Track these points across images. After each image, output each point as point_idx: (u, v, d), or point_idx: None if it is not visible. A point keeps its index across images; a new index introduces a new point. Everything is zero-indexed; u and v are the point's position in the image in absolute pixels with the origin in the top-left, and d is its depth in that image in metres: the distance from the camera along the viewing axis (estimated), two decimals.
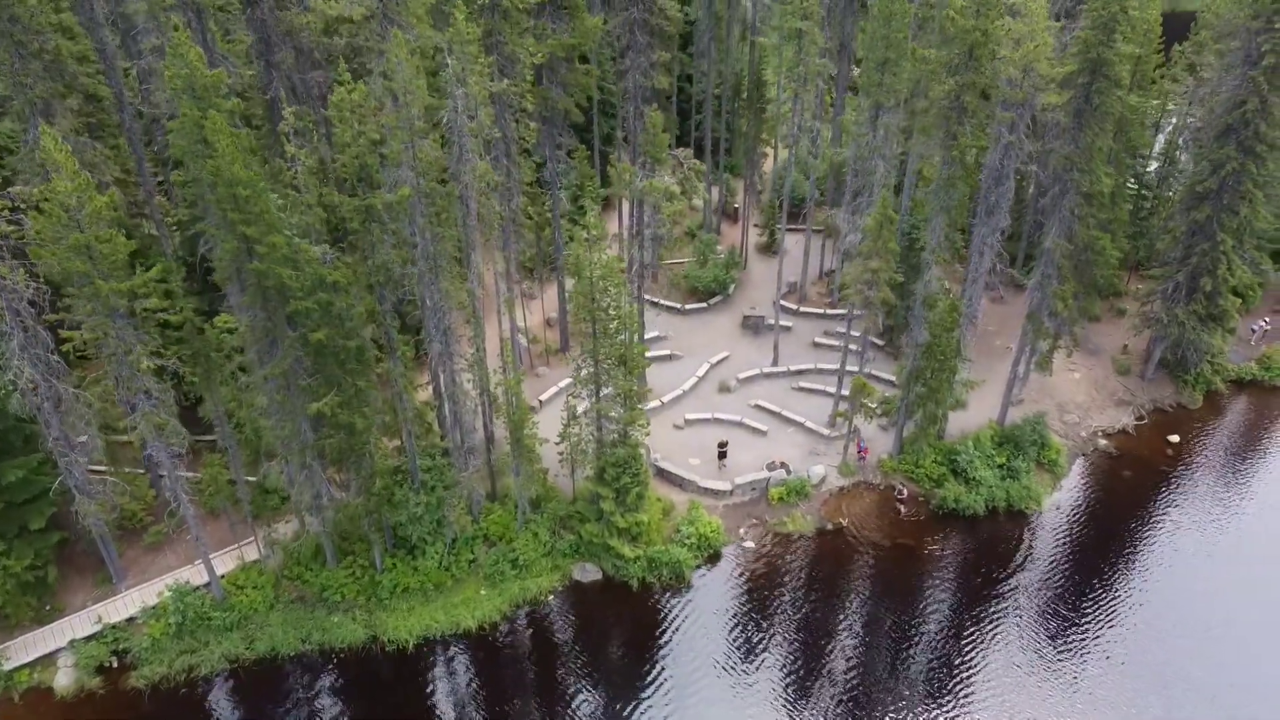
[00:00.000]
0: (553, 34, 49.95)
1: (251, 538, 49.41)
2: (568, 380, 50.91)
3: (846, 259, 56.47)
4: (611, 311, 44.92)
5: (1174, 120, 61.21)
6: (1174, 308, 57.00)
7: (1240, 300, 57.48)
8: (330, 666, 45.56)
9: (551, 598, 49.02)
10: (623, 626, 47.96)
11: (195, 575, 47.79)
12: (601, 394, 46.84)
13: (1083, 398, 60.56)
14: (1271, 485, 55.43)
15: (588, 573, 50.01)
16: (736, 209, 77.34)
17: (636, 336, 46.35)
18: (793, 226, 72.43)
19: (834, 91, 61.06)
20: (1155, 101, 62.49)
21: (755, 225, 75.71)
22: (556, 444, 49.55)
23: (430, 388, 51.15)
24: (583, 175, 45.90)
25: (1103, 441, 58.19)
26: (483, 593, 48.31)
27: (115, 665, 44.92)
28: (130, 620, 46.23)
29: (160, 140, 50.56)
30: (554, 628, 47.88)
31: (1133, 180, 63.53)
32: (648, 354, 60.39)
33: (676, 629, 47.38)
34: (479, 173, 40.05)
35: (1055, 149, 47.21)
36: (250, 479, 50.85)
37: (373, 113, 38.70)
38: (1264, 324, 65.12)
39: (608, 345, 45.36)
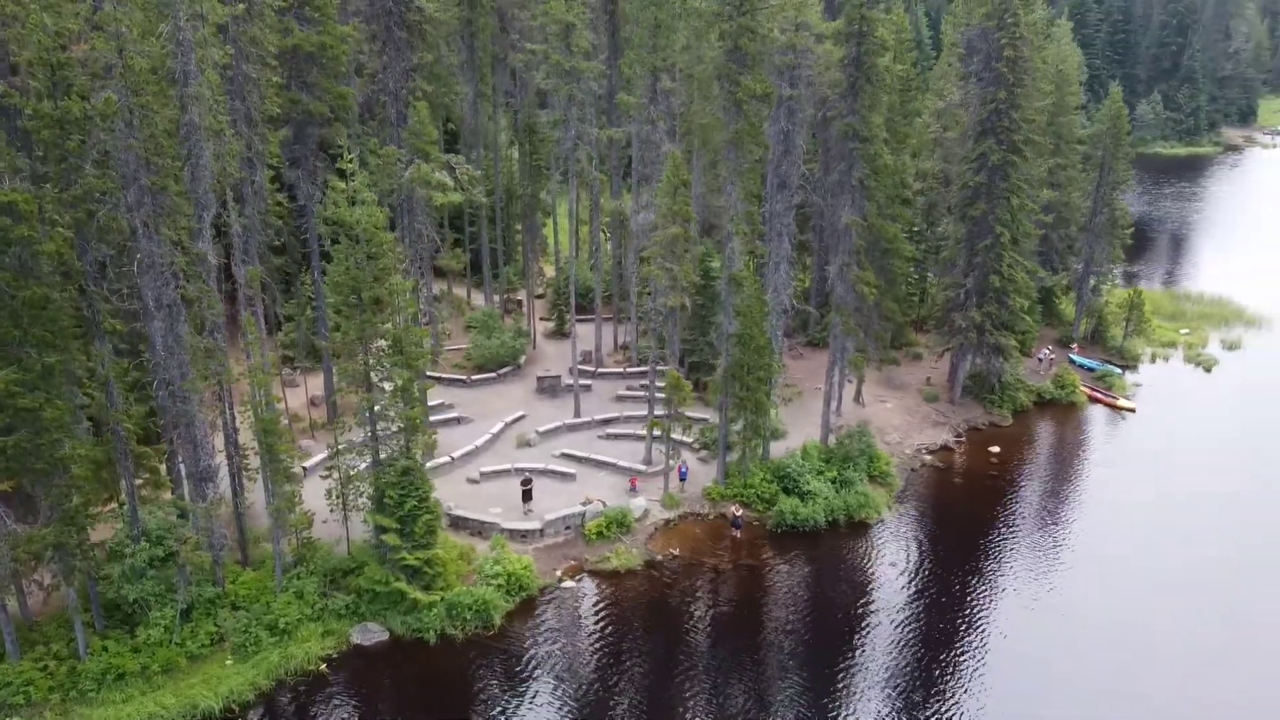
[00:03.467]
0: (301, 33, 45.72)
1: None
2: (337, 448, 41.94)
3: (640, 238, 52.45)
4: (386, 287, 38.29)
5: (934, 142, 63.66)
6: (969, 313, 56.62)
7: (1027, 306, 58.08)
8: None
9: (324, 667, 38.15)
10: (420, 691, 37.64)
11: None
12: (376, 392, 39.11)
13: (899, 421, 58.01)
14: (1085, 482, 54.58)
15: (370, 633, 39.70)
16: (519, 301, 73.01)
17: (414, 317, 39.50)
18: (582, 317, 68.64)
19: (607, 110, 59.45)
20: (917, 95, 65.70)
21: (542, 319, 71.44)
22: (324, 476, 40.64)
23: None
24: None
25: (927, 457, 55.38)
26: (229, 663, 36.87)
27: None
28: None
29: None
30: (329, 702, 36.87)
31: (904, 229, 64.86)
32: (430, 419, 53.17)
33: (489, 688, 37.74)
34: (203, 95, 33.65)
35: (834, 116, 46.71)
36: None
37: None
38: (1048, 352, 66.95)
39: (379, 327, 38.28)
